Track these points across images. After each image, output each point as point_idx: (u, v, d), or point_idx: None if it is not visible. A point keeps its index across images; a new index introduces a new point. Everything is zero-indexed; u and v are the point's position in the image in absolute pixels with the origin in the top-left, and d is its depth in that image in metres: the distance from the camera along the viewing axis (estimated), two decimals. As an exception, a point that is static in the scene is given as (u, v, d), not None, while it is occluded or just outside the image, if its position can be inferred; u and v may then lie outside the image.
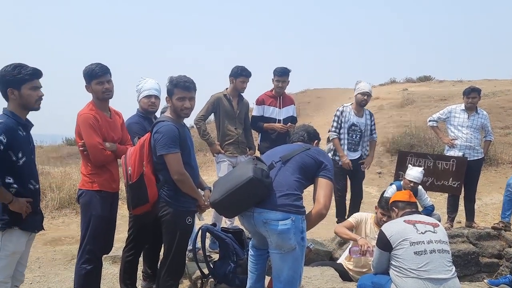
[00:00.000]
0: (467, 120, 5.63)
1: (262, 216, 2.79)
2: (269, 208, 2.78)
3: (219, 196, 2.81)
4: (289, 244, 2.77)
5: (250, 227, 2.97)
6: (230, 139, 4.87)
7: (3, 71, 2.81)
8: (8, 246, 2.79)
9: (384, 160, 10.64)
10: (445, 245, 3.13)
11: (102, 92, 3.35)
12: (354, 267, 4.14)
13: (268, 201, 2.79)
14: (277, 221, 2.74)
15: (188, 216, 3.18)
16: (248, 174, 2.74)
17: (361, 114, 5.44)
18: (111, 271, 4.62)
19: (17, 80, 2.79)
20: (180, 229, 3.16)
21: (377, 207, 4.14)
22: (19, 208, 2.77)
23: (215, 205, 2.91)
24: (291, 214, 2.77)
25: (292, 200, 2.81)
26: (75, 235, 6.17)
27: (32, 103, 2.87)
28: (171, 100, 3.18)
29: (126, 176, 3.21)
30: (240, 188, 2.73)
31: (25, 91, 2.82)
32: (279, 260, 2.83)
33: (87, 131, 3.27)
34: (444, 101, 15.02)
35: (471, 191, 5.80)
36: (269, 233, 2.79)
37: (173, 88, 3.15)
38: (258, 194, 2.79)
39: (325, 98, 21.26)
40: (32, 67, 2.86)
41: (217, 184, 2.97)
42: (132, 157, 3.18)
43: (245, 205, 2.83)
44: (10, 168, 2.78)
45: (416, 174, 4.94)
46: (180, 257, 3.26)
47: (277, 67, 5.14)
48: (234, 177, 2.85)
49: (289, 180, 2.89)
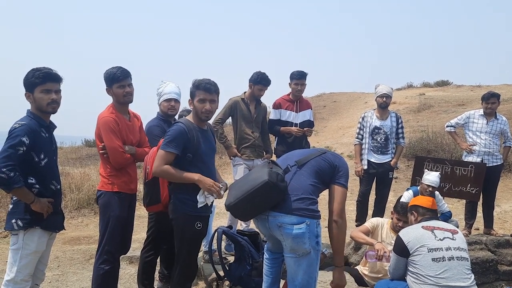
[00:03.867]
0: (486, 125, 5.55)
1: (276, 219, 2.79)
2: (284, 212, 2.77)
3: (234, 199, 2.81)
4: (304, 248, 2.77)
5: (265, 231, 2.98)
6: (246, 142, 4.90)
7: (25, 76, 2.87)
8: (29, 245, 2.85)
9: (400, 165, 10.55)
10: (464, 252, 3.08)
11: (123, 95, 3.39)
12: (369, 273, 4.11)
13: (283, 205, 2.79)
14: (292, 225, 2.74)
15: (198, 221, 3.12)
16: (263, 178, 2.74)
17: (385, 117, 5.42)
18: (128, 271, 4.69)
19: (30, 83, 2.85)
20: (189, 234, 3.12)
21: (393, 212, 4.11)
22: (41, 208, 2.84)
23: (230, 208, 2.89)
24: (306, 218, 2.77)
25: (307, 204, 2.80)
26: (93, 235, 6.28)
27: (43, 106, 2.88)
28: (192, 102, 3.15)
29: (145, 173, 3.30)
30: (255, 192, 2.73)
31: (36, 94, 2.86)
32: (294, 264, 2.83)
33: (107, 134, 3.31)
34: (462, 106, 14.83)
35: (490, 197, 5.71)
36: (284, 236, 2.79)
37: (195, 90, 3.13)
38: (273, 197, 2.78)
39: (340, 102, 21.19)
40: (45, 70, 2.88)
41: (232, 188, 2.97)
42: (152, 156, 3.23)
43: (260, 208, 2.83)
44: (33, 169, 2.85)
45: (434, 178, 4.88)
46: (190, 261, 3.24)
47: (294, 71, 5.15)
48: (249, 180, 2.85)
49: (305, 184, 2.88)
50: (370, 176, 5.42)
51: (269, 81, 4.94)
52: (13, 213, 2.86)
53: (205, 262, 4.40)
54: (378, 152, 5.37)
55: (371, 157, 5.37)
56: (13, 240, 2.88)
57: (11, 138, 2.74)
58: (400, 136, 5.52)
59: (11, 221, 2.84)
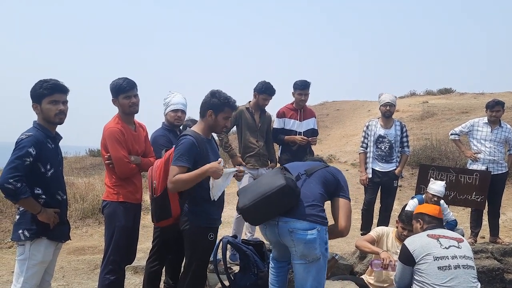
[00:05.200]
0: (491, 133, 5.55)
1: (288, 225, 2.82)
2: (296, 217, 2.83)
3: (249, 201, 2.83)
4: (315, 254, 2.82)
5: (273, 237, 2.99)
6: (251, 151, 4.92)
7: (32, 87, 2.90)
8: (36, 256, 2.87)
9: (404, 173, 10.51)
10: (470, 260, 3.08)
11: (129, 106, 3.42)
12: (375, 282, 4.09)
13: (295, 210, 2.84)
14: (304, 231, 2.79)
15: (211, 233, 3.14)
16: (280, 182, 2.81)
17: (389, 126, 5.45)
18: (133, 281, 4.67)
19: (38, 94, 2.88)
20: (201, 245, 3.12)
21: (398, 221, 4.10)
22: (47, 218, 2.86)
23: (243, 211, 2.89)
24: (317, 224, 2.83)
25: (317, 211, 2.88)
26: (97, 245, 6.28)
27: (51, 117, 2.91)
28: (215, 115, 3.11)
29: (151, 189, 3.24)
30: (273, 195, 2.78)
31: (44, 105, 2.89)
32: (303, 270, 2.86)
33: (113, 145, 3.33)
34: (466, 114, 14.81)
35: (495, 205, 5.69)
36: (295, 242, 2.82)
37: (223, 106, 3.11)
38: (287, 202, 2.84)
39: (344, 110, 21.21)
40: (53, 82, 2.91)
41: (246, 191, 2.98)
42: (157, 170, 3.21)
43: (272, 213, 2.86)
44: (39, 180, 2.87)
45: (439, 188, 4.87)
46: (200, 272, 3.24)
47: (297, 81, 5.19)
48: (264, 184, 2.89)
49: (315, 192, 2.97)
50: (375, 184, 5.42)
51: (274, 90, 4.98)
52: (19, 223, 2.88)
53: (210, 272, 4.39)
54: (382, 160, 5.38)
55: (376, 166, 5.38)
56: (20, 250, 2.89)
57: (18, 149, 2.77)
58: (405, 145, 5.53)
59: (17, 232, 2.86)
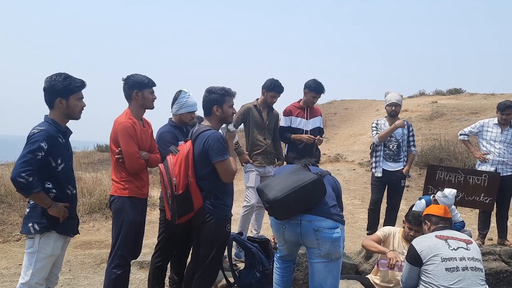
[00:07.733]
0: (500, 134, 5.50)
1: (313, 224, 2.87)
2: (322, 216, 2.88)
3: (281, 193, 2.84)
4: (338, 252, 2.90)
5: (293, 237, 3.00)
6: (258, 149, 4.92)
7: (53, 80, 2.93)
8: (45, 249, 2.90)
9: (412, 174, 10.47)
10: (478, 263, 3.06)
11: (151, 101, 3.52)
12: (381, 282, 4.08)
13: (319, 209, 2.90)
14: (331, 229, 2.86)
15: (228, 224, 3.24)
16: (313, 175, 2.92)
17: None
18: (139, 276, 4.71)
19: (67, 90, 2.94)
20: (221, 237, 3.20)
21: (404, 221, 4.08)
22: (57, 212, 2.89)
23: (274, 202, 2.87)
24: (339, 223, 2.91)
25: (338, 210, 2.99)
26: (104, 240, 6.33)
27: (76, 112, 3.03)
28: (220, 108, 3.25)
29: (170, 186, 3.16)
30: (306, 187, 2.85)
31: (72, 101, 2.98)
32: (324, 269, 2.89)
33: (126, 140, 3.34)
34: (475, 115, 14.68)
35: (504, 207, 5.64)
36: (320, 241, 2.86)
37: (224, 97, 3.26)
38: (316, 197, 2.91)
39: (352, 109, 21.12)
40: (80, 79, 3.02)
41: (270, 185, 2.99)
42: (176, 167, 3.17)
43: (299, 208, 2.90)
44: (50, 174, 2.91)
45: (449, 202, 4.58)
46: (216, 265, 3.28)
47: (312, 83, 5.08)
48: (294, 178, 2.94)
49: (331, 193, 3.06)
50: (381, 184, 5.40)
51: (282, 88, 4.97)
52: (29, 217, 2.91)
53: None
54: (390, 160, 5.36)
55: (384, 165, 5.36)
56: (29, 243, 2.93)
57: (30, 143, 2.80)
58: (412, 144, 5.51)
59: (27, 225, 2.89)
